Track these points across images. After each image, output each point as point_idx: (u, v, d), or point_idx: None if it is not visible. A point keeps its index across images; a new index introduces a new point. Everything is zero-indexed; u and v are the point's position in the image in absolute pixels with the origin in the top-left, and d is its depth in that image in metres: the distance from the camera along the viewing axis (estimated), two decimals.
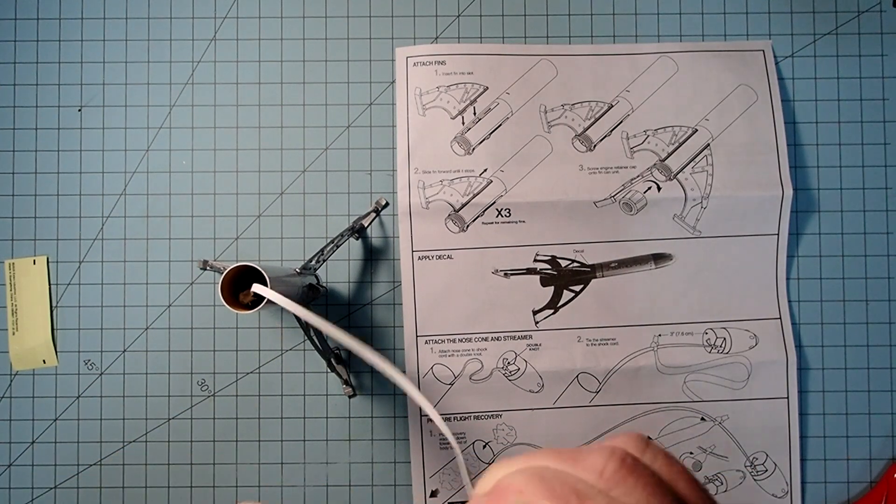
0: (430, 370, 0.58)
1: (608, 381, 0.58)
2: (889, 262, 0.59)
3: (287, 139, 0.60)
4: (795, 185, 0.59)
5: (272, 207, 0.59)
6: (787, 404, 0.58)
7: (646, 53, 0.60)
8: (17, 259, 0.59)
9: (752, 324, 0.58)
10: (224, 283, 0.42)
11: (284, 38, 0.60)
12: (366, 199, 0.60)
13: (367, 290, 0.59)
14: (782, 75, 0.60)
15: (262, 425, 0.59)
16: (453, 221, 0.58)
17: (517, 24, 0.60)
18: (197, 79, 0.60)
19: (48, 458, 0.58)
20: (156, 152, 0.60)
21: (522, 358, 0.58)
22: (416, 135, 0.59)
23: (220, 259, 0.59)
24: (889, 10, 0.60)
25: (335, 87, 0.60)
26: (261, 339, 0.59)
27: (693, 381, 0.58)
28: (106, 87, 0.60)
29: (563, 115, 0.59)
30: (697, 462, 0.58)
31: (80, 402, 0.59)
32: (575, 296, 0.58)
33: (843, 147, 0.60)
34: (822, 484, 0.58)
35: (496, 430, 0.58)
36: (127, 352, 0.59)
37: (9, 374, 0.59)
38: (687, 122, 0.59)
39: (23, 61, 0.60)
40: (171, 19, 0.60)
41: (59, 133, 0.60)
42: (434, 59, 0.59)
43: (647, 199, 0.58)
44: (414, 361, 0.58)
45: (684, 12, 0.61)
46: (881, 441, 0.59)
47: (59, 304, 0.59)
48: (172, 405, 0.59)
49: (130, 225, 0.59)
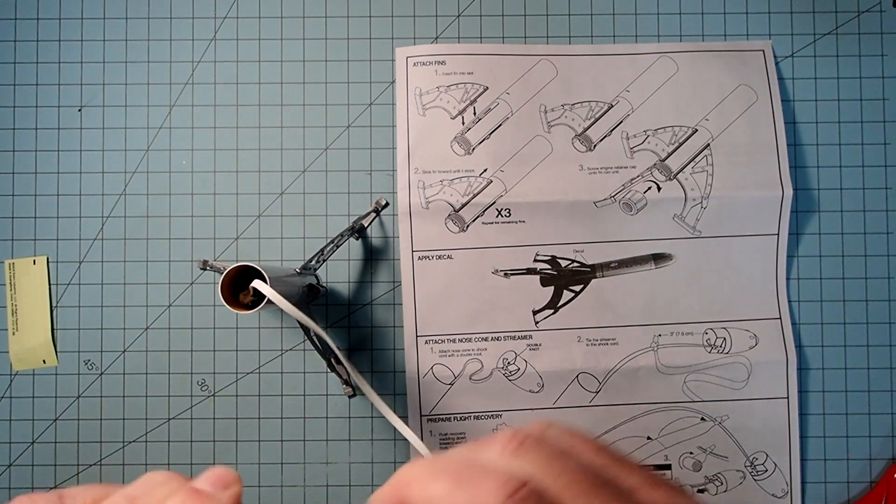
0: (430, 370, 0.58)
1: (608, 381, 0.58)
2: (889, 262, 0.59)
3: (287, 139, 0.60)
4: (795, 185, 0.59)
5: (272, 207, 0.59)
6: (787, 404, 0.58)
7: (646, 53, 0.60)
8: (17, 259, 0.59)
9: (752, 324, 0.58)
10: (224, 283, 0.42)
11: (284, 38, 0.60)
12: (366, 199, 0.60)
13: (367, 290, 0.59)
14: (782, 75, 0.60)
15: (262, 425, 0.59)
16: (453, 221, 0.58)
17: (517, 24, 0.60)
18: (197, 79, 0.60)
19: (48, 458, 0.58)
20: (156, 152, 0.60)
21: (522, 358, 0.58)
22: (416, 135, 0.59)
23: (220, 259, 0.59)
24: (889, 10, 0.60)
25: (335, 87, 0.60)
26: (261, 339, 0.59)
27: (693, 381, 0.58)
28: (106, 87, 0.60)
29: (563, 115, 0.59)
30: (697, 462, 0.58)
31: (80, 402, 0.59)
32: (575, 296, 0.58)
33: (843, 147, 0.60)
34: (822, 484, 0.58)
35: (496, 430, 0.58)
36: (127, 352, 0.59)
37: (9, 374, 0.59)
38: (687, 122, 0.59)
39: (23, 61, 0.60)
40: (171, 19, 0.60)
41: (59, 133, 0.60)
42: (434, 59, 0.59)
43: (647, 199, 0.58)
44: (414, 361, 0.58)
45: (684, 12, 0.61)
46: (881, 441, 0.59)
47: (59, 304, 0.59)
48: (172, 405, 0.59)
49: (130, 225, 0.59)
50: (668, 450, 0.58)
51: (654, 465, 0.58)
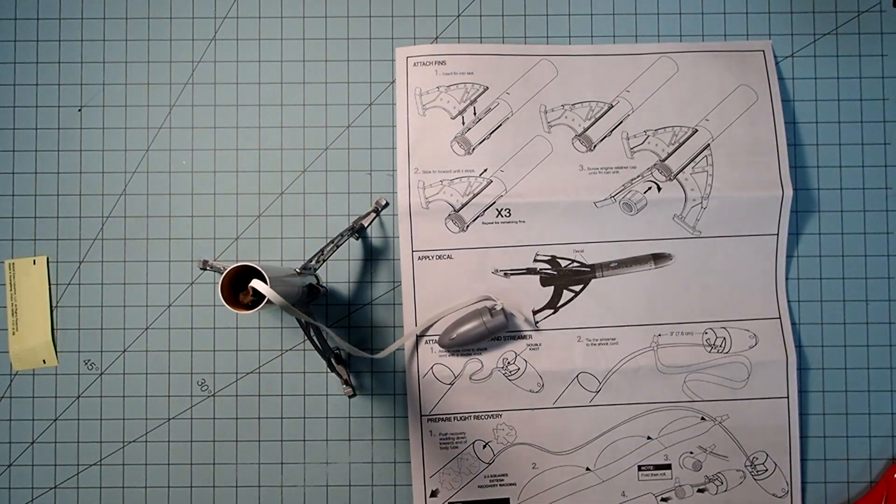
0: (430, 370, 0.58)
1: (608, 380, 0.58)
2: (889, 262, 0.59)
3: (287, 139, 0.60)
4: (795, 185, 0.59)
5: (272, 207, 0.59)
6: (787, 404, 0.58)
7: (646, 53, 0.60)
8: (17, 259, 0.59)
9: (751, 324, 0.58)
10: (224, 283, 0.42)
11: (284, 38, 0.60)
12: (366, 199, 0.60)
13: (367, 290, 0.59)
14: (782, 75, 0.60)
15: (262, 425, 0.58)
16: (453, 221, 0.58)
17: (517, 24, 0.60)
18: (197, 79, 0.60)
19: (48, 458, 0.58)
20: (156, 152, 0.60)
21: (522, 358, 0.58)
22: (416, 135, 0.59)
23: (220, 259, 0.59)
24: (889, 10, 0.60)
25: (335, 87, 0.60)
26: (261, 339, 0.59)
27: (693, 380, 0.58)
28: (106, 87, 0.60)
29: (563, 115, 0.59)
30: (697, 462, 0.58)
31: (80, 402, 0.59)
32: (575, 296, 0.58)
33: (843, 147, 0.60)
34: (822, 484, 0.58)
35: (496, 429, 0.58)
36: (127, 352, 0.59)
37: (9, 374, 0.59)
38: (687, 122, 0.59)
39: (23, 61, 0.60)
40: (171, 19, 0.60)
41: (59, 133, 0.60)
42: (434, 59, 0.59)
43: (647, 200, 0.58)
44: (414, 361, 0.58)
45: (684, 12, 0.61)
46: (881, 441, 0.59)
47: (59, 304, 0.59)
48: (172, 405, 0.59)
49: (130, 225, 0.59)
50: (668, 449, 0.58)
51: (653, 464, 0.58)
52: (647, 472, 0.58)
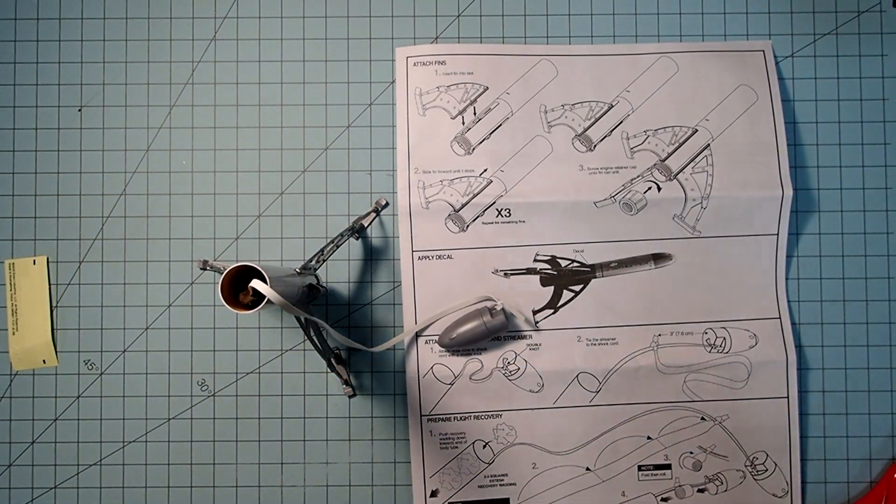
0: (430, 370, 0.58)
1: (608, 380, 0.58)
2: (889, 262, 0.59)
3: (287, 139, 0.60)
4: (795, 185, 0.59)
5: (272, 207, 0.59)
6: (787, 404, 0.58)
7: (646, 53, 0.60)
8: (17, 259, 0.59)
9: (751, 323, 0.58)
10: (224, 283, 0.42)
11: (284, 38, 0.60)
12: (366, 199, 0.60)
13: (367, 290, 0.59)
14: (782, 75, 0.60)
15: (262, 425, 0.59)
16: (453, 221, 0.58)
17: (517, 24, 0.60)
18: (197, 79, 0.60)
19: (48, 458, 0.58)
20: (156, 152, 0.60)
21: (522, 358, 0.58)
22: (416, 135, 0.59)
23: (220, 259, 0.59)
24: (889, 10, 0.60)
25: (335, 87, 0.60)
26: (261, 339, 0.59)
27: (693, 380, 0.58)
28: (106, 87, 0.60)
29: (563, 115, 0.59)
30: (697, 462, 0.58)
31: (80, 402, 0.59)
32: (575, 296, 0.58)
33: (843, 147, 0.60)
34: (822, 484, 0.58)
35: (496, 429, 0.58)
36: (127, 352, 0.59)
37: (9, 374, 0.59)
38: (687, 122, 0.59)
39: (23, 61, 0.60)
40: (171, 19, 0.60)
41: (59, 133, 0.60)
42: (434, 59, 0.59)
43: (647, 200, 0.58)
44: (414, 361, 0.58)
45: (684, 12, 0.61)
46: (881, 441, 0.59)
47: (59, 304, 0.59)
48: (172, 405, 0.59)
49: (130, 225, 0.59)
50: (668, 449, 0.58)
51: (653, 464, 0.58)
52: (647, 472, 0.58)
